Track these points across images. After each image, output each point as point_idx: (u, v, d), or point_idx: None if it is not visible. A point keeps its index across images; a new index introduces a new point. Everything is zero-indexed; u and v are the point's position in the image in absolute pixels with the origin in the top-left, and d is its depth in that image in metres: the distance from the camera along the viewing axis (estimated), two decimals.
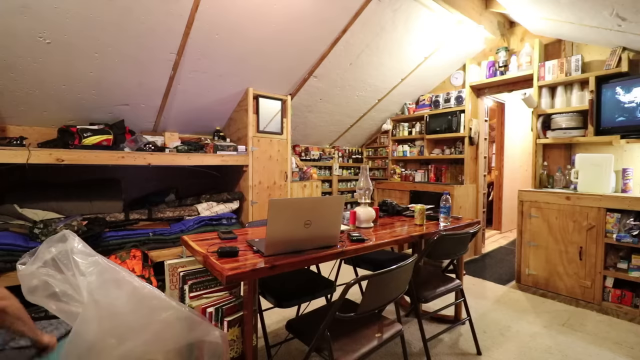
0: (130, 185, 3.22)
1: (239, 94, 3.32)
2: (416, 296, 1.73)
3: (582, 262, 2.57)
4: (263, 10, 2.48)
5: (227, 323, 1.29)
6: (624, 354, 1.93)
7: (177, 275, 1.43)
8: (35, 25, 2.01)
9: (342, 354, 1.22)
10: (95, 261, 1.11)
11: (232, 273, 1.12)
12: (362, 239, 1.57)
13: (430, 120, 4.18)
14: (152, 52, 2.47)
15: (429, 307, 2.43)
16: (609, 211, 2.44)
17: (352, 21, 2.88)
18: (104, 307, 1.04)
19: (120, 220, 2.67)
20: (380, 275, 1.21)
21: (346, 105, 4.24)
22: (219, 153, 3.07)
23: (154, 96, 2.89)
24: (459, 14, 3.01)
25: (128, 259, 2.38)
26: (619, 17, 2.17)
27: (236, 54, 2.81)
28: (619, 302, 2.40)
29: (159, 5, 2.17)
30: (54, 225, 2.25)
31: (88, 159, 2.39)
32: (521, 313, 2.45)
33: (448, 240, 1.74)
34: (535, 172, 3.17)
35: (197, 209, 3.02)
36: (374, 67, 3.66)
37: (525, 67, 3.31)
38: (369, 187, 1.88)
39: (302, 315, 1.53)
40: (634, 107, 2.50)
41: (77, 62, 2.33)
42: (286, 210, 1.30)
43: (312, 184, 4.19)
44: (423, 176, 4.37)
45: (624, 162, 2.73)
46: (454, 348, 1.99)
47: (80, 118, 2.78)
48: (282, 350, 1.91)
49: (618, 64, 2.64)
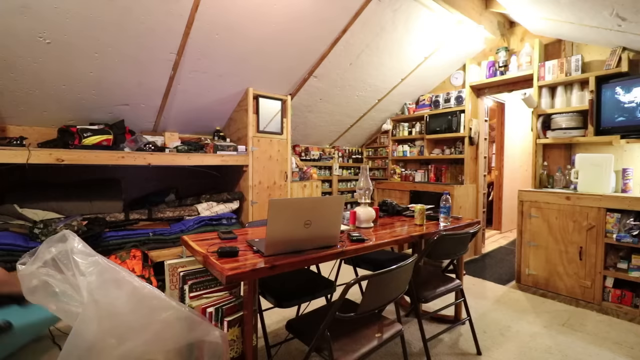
0: (130, 185, 3.22)
1: (239, 94, 3.32)
2: (416, 296, 1.73)
3: (582, 262, 2.57)
4: (263, 10, 2.49)
5: (227, 323, 1.29)
6: (624, 354, 1.93)
7: (177, 275, 1.43)
8: (35, 25, 2.01)
9: (342, 354, 1.22)
10: (95, 261, 1.11)
11: (232, 273, 1.12)
12: (362, 239, 1.57)
13: (430, 120, 4.17)
14: (152, 52, 2.47)
15: (429, 307, 2.43)
16: (609, 211, 2.44)
17: (352, 21, 2.88)
18: (104, 307, 1.04)
19: (120, 220, 2.67)
20: (380, 275, 1.21)
21: (346, 105, 4.24)
22: (219, 153, 3.08)
23: (154, 96, 2.89)
24: (459, 14, 3.01)
25: (128, 259, 2.39)
26: (619, 17, 2.17)
27: (236, 54, 2.81)
28: (619, 302, 2.40)
29: (158, 5, 2.17)
30: (54, 225, 2.25)
31: (88, 159, 2.39)
32: (521, 313, 2.45)
33: (448, 240, 1.74)
34: (535, 172, 3.17)
35: (197, 209, 3.03)
36: (374, 67, 3.66)
37: (525, 67, 3.31)
38: (369, 187, 1.88)
39: (302, 315, 1.53)
40: (634, 107, 2.50)
41: (77, 62, 2.33)
42: (286, 210, 1.30)
43: (312, 184, 4.19)
44: (423, 176, 4.37)
45: (624, 162, 2.73)
46: (454, 348, 1.99)
47: (80, 118, 2.78)
48: (282, 350, 1.91)
49: (618, 64, 2.64)
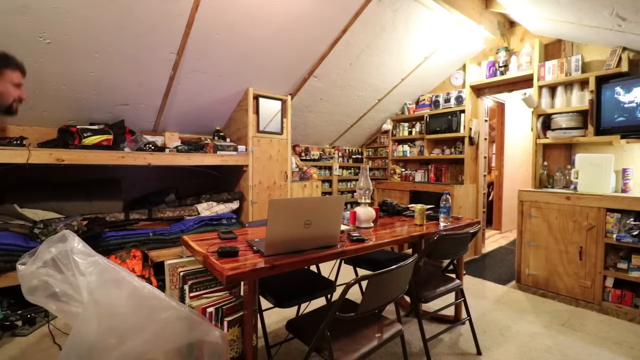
0: (130, 185, 3.22)
1: (239, 94, 3.32)
2: (416, 296, 1.73)
3: (582, 262, 2.57)
4: (263, 10, 2.48)
5: (227, 323, 1.29)
6: (624, 354, 1.93)
7: (177, 275, 1.43)
8: (35, 25, 2.01)
9: (342, 354, 1.22)
10: (95, 261, 1.11)
11: (232, 273, 1.12)
12: (362, 239, 1.57)
13: (430, 120, 4.17)
14: (152, 52, 2.47)
15: (429, 307, 2.43)
16: (609, 211, 2.44)
17: (352, 21, 2.88)
18: (104, 307, 1.04)
19: (120, 220, 2.67)
20: (380, 275, 1.21)
21: (346, 105, 4.24)
22: (219, 153, 3.08)
23: (154, 96, 2.89)
24: (459, 14, 3.01)
25: (128, 259, 2.39)
26: (619, 17, 2.17)
27: (236, 54, 2.81)
28: (619, 302, 2.40)
29: (159, 5, 2.17)
30: (54, 225, 2.25)
31: (88, 159, 2.39)
32: (521, 313, 2.45)
33: (448, 240, 1.74)
34: (535, 172, 3.17)
35: (197, 209, 3.03)
36: (374, 67, 3.66)
37: (525, 67, 3.31)
38: (369, 187, 1.88)
39: (302, 315, 1.53)
40: (634, 107, 2.50)
41: (77, 62, 2.33)
42: (286, 210, 1.30)
43: (312, 184, 4.19)
44: (423, 176, 4.37)
45: (624, 162, 2.73)
46: (454, 348, 1.99)
47: (80, 118, 2.78)
48: (282, 350, 1.91)
49: (618, 64, 2.64)
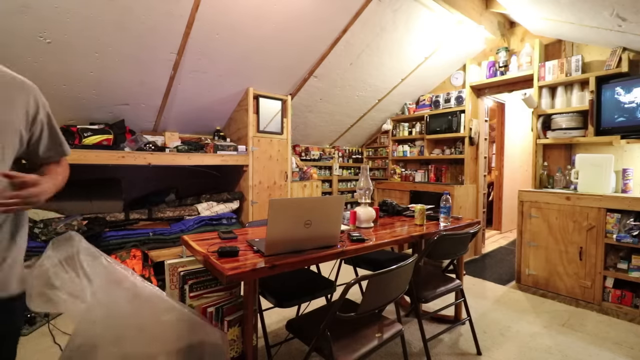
0: (130, 185, 3.22)
1: (239, 94, 3.32)
2: (416, 296, 1.73)
3: (582, 262, 2.57)
4: (263, 10, 2.48)
5: (227, 323, 1.29)
6: (624, 354, 1.93)
7: (177, 275, 1.43)
8: (35, 24, 2.01)
9: (342, 354, 1.22)
10: (99, 262, 1.11)
11: (233, 273, 1.12)
12: (362, 239, 1.57)
13: (431, 120, 4.17)
14: (152, 52, 2.47)
15: (429, 307, 2.43)
16: (609, 211, 2.44)
17: (353, 21, 2.88)
18: (106, 308, 1.04)
19: (120, 220, 2.67)
20: (380, 275, 1.21)
21: (346, 105, 4.24)
22: (219, 153, 3.08)
23: (154, 96, 2.89)
24: (459, 14, 3.01)
25: (128, 259, 2.39)
26: (619, 17, 2.17)
27: (236, 54, 2.81)
28: (619, 302, 2.40)
29: (159, 5, 2.17)
30: (54, 224, 2.25)
31: (88, 159, 2.39)
32: (521, 313, 2.45)
33: (448, 240, 1.74)
34: (536, 172, 3.17)
35: (197, 209, 3.03)
36: (374, 67, 3.65)
37: (525, 67, 3.31)
38: (369, 187, 1.88)
39: (302, 315, 1.53)
40: (634, 108, 2.50)
41: (77, 62, 2.33)
42: (286, 210, 1.30)
43: (312, 184, 4.19)
44: (423, 176, 4.37)
45: (624, 163, 2.73)
46: (454, 348, 1.99)
47: (81, 118, 2.78)
48: (282, 350, 1.91)
49: (618, 64, 2.64)
